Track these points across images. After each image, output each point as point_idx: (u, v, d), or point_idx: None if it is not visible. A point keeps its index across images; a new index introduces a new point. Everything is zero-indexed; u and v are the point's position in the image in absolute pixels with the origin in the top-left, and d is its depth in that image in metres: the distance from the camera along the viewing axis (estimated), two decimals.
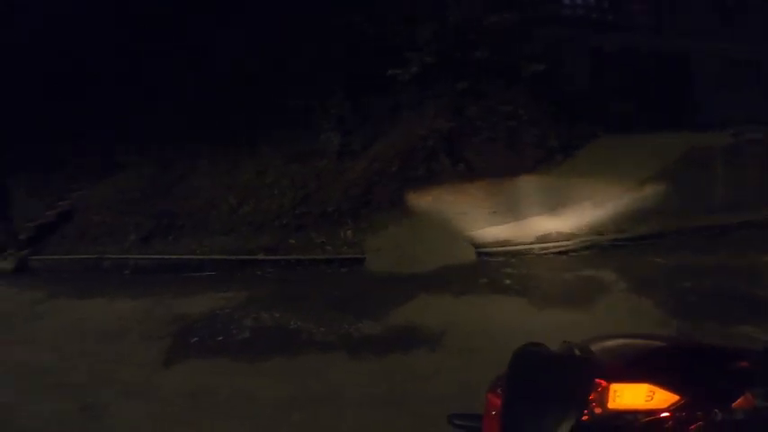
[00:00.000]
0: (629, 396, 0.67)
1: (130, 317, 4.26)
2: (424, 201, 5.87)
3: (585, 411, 0.66)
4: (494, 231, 5.07)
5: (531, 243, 4.78)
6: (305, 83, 7.69)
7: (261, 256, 5.52)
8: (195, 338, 3.70)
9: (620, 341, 0.88)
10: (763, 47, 8.44)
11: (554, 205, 5.20)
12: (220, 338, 3.67)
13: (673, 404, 0.64)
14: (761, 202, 4.77)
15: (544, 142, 6.41)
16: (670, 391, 0.65)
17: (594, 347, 0.82)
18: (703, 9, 9.08)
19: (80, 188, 8.28)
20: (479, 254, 4.79)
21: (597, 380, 0.69)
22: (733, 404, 0.64)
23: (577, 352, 0.81)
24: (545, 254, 4.63)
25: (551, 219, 5.05)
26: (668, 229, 4.69)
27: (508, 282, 4.07)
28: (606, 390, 0.67)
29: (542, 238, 4.82)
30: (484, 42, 6.69)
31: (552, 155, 6.33)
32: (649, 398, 0.66)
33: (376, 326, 3.53)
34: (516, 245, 4.82)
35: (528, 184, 5.60)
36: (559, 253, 4.60)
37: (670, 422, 0.64)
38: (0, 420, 2.91)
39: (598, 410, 0.67)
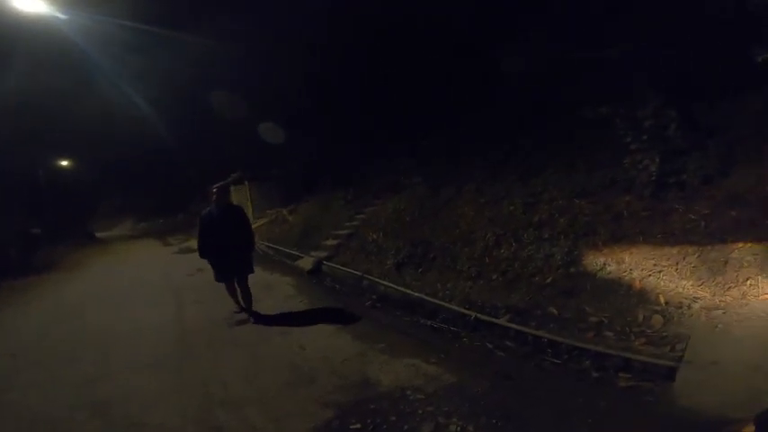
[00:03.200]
0: None
1: (326, 359, 3.76)
2: None
3: None
4: None
5: None
6: (607, 89, 5.59)
7: (502, 321, 4.05)
8: (357, 425, 2.72)
9: None
10: None
11: None
12: None
13: None
14: None
15: None
16: None
17: None
18: None
19: (374, 204, 9.32)
20: None
21: None
22: None
23: None
24: None
25: None
26: None
27: None
28: None
29: None
30: None
31: None
32: None
33: None
34: None
35: None
36: None
37: None
38: None
39: None
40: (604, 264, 4.24)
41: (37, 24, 10.01)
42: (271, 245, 10.56)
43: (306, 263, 7.97)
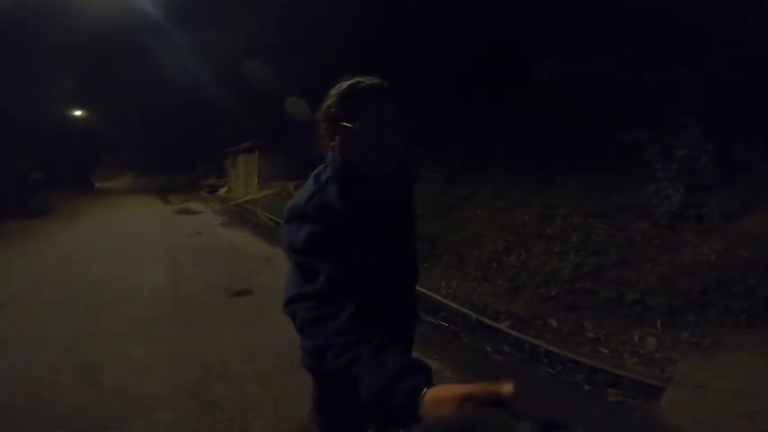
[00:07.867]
0: None
1: None
2: None
3: None
4: None
5: None
6: (645, 113, 5.54)
7: (503, 326, 4.05)
8: None
9: None
10: None
11: None
12: None
13: None
14: None
15: None
16: None
17: None
18: None
19: None
20: None
21: None
22: None
23: None
24: None
25: None
26: None
27: None
28: None
29: None
30: None
31: None
32: None
33: None
34: None
35: None
36: None
37: None
38: None
39: None
40: (609, 284, 4.24)
41: None
42: (273, 217, 10.56)
43: None
